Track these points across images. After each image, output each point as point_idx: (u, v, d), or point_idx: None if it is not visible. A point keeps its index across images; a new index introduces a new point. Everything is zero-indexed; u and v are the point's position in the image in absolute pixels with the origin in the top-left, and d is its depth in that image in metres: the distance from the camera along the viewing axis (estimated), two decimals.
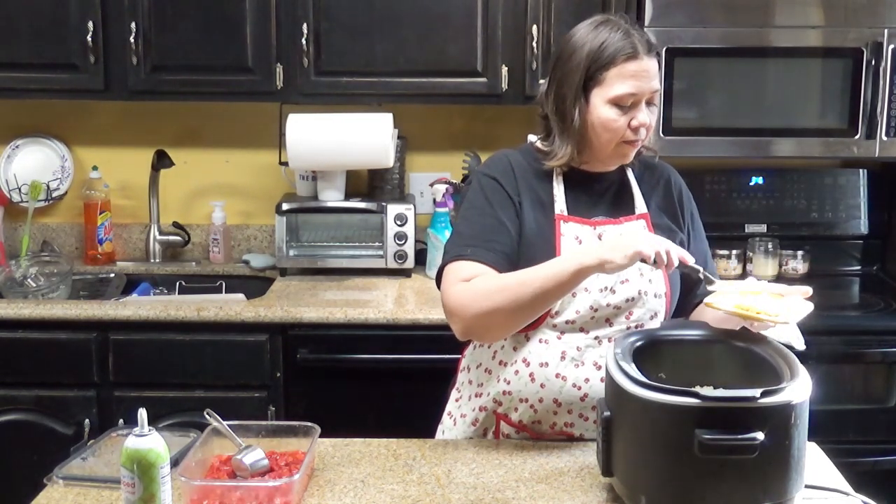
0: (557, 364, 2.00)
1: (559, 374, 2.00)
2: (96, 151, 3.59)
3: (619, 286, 1.99)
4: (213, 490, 1.74)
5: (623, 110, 1.97)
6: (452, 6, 3.13)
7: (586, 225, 2.04)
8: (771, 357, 1.77)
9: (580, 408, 2.02)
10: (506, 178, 2.05)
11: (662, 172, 2.17)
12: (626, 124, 1.97)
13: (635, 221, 2.06)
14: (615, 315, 2.01)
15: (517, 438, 2.07)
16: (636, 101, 1.96)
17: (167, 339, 2.96)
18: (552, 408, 2.02)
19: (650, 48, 1.97)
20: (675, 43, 3.06)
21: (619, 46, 1.95)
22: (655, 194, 2.13)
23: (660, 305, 2.03)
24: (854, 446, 2.93)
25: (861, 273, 3.51)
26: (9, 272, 3.33)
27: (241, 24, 3.14)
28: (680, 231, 2.11)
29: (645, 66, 1.95)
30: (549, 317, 1.99)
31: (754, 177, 3.49)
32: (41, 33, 3.15)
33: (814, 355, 2.72)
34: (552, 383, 2.01)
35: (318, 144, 3.20)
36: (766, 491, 1.61)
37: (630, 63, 1.94)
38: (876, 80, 3.05)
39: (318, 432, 1.91)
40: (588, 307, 1.99)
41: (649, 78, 1.96)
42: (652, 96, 1.98)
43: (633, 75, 1.94)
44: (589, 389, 2.00)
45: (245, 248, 3.61)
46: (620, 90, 1.95)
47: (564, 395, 2.01)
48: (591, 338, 2.01)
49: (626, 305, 2.00)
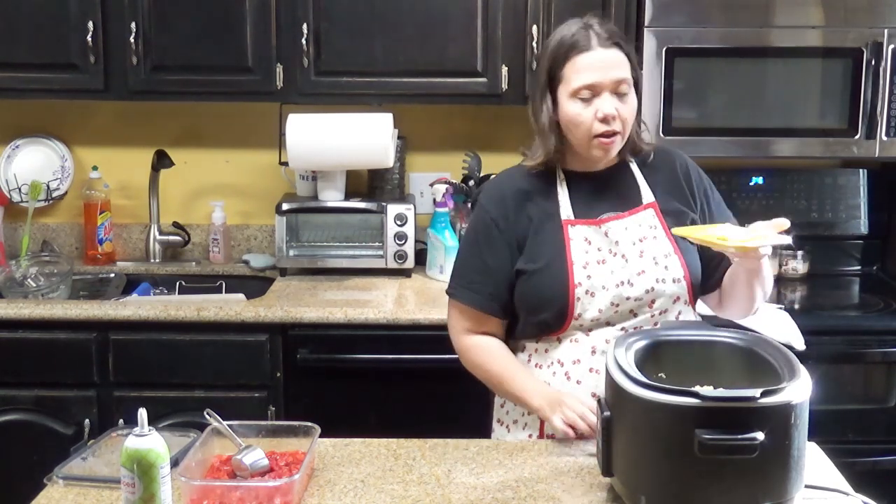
0: (589, 359, 2.06)
1: (592, 368, 2.06)
2: (96, 151, 3.59)
3: (636, 278, 2.04)
4: (213, 490, 1.74)
5: (586, 103, 2.01)
6: (452, 6, 3.13)
7: (592, 225, 2.08)
8: (771, 357, 1.77)
9: None
10: (500, 210, 2.12)
11: (666, 157, 2.19)
12: (592, 116, 2.01)
13: (643, 212, 2.10)
14: (638, 307, 2.06)
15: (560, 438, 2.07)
16: (596, 92, 2.00)
17: (167, 339, 2.96)
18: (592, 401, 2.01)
19: (608, 40, 2.01)
20: (674, 43, 3.06)
21: (572, 42, 2.02)
22: (662, 181, 2.15)
23: (680, 289, 2.07)
24: (854, 446, 2.93)
25: (861, 273, 3.51)
26: (9, 272, 3.33)
27: (241, 24, 3.14)
28: (692, 212, 2.13)
29: (600, 56, 1.99)
30: (573, 319, 2.05)
31: (754, 177, 3.49)
32: (41, 33, 3.15)
33: (814, 355, 2.74)
34: (588, 378, 2.06)
35: (318, 144, 3.20)
36: (766, 491, 1.61)
37: (583, 55, 2.00)
38: (876, 80, 3.05)
39: (318, 432, 1.91)
40: (609, 304, 2.04)
41: (607, 68, 1.99)
42: (616, 86, 2.00)
43: (587, 67, 1.99)
44: None
45: (245, 248, 3.61)
46: (576, 83, 2.00)
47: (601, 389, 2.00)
48: (617, 329, 2.06)
49: (646, 296, 2.05)
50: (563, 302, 2.04)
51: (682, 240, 2.05)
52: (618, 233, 2.08)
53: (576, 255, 2.06)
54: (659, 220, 2.09)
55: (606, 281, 2.04)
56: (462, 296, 2.15)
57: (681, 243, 2.07)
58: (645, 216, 2.10)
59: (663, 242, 2.07)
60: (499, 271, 2.11)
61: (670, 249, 2.07)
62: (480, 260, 2.13)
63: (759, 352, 1.80)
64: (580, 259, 2.06)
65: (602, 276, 2.05)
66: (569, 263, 2.05)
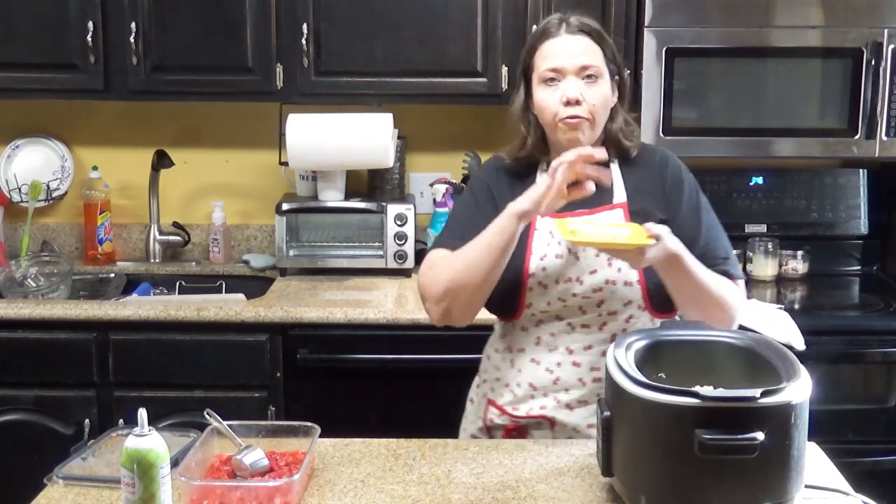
0: (533, 349, 2.10)
1: (534, 358, 2.10)
2: (96, 151, 3.59)
3: (586, 276, 2.05)
4: (213, 490, 1.74)
5: (552, 88, 2.04)
6: (452, 6, 3.13)
7: (567, 217, 2.06)
8: (771, 357, 1.77)
9: (553, 391, 2.09)
10: (494, 180, 2.15)
11: (651, 157, 2.17)
12: (557, 101, 2.03)
13: (611, 211, 2.09)
14: (586, 304, 2.06)
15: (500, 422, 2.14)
16: (562, 76, 2.03)
17: (167, 339, 2.96)
18: (529, 392, 2.10)
19: (578, 28, 2.05)
20: (674, 43, 3.06)
21: (542, 30, 2.09)
22: (639, 180, 2.13)
23: (633, 293, 2.05)
24: (854, 446, 2.93)
25: (861, 273, 3.51)
26: (9, 272, 3.33)
27: (241, 24, 3.14)
28: (661, 213, 2.08)
29: (565, 42, 2.04)
30: (525, 308, 2.08)
31: (754, 177, 3.49)
32: (41, 33, 3.16)
33: (814, 355, 2.74)
34: (528, 368, 2.10)
35: (318, 144, 3.20)
36: (766, 491, 1.61)
37: (549, 42, 2.06)
38: (876, 80, 3.05)
39: (318, 432, 1.91)
40: (557, 298, 2.06)
41: (572, 53, 2.04)
42: (582, 71, 2.03)
43: (553, 53, 2.05)
44: (561, 373, 2.08)
45: (245, 248, 3.61)
46: (542, 67, 2.05)
47: (538, 378, 2.09)
48: (564, 324, 2.08)
49: (594, 295, 2.05)
50: (516, 289, 2.07)
51: None
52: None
53: (536, 246, 2.07)
54: (625, 220, 2.07)
55: (559, 275, 2.05)
56: (450, 242, 2.09)
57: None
58: (612, 216, 2.09)
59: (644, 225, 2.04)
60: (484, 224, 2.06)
61: None
62: (474, 216, 2.10)
63: (759, 352, 1.80)
64: (539, 250, 2.07)
65: (556, 270, 2.06)
66: (528, 253, 2.07)
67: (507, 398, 2.14)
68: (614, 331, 2.07)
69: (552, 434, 2.12)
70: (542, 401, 2.10)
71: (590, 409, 2.09)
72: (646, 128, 3.09)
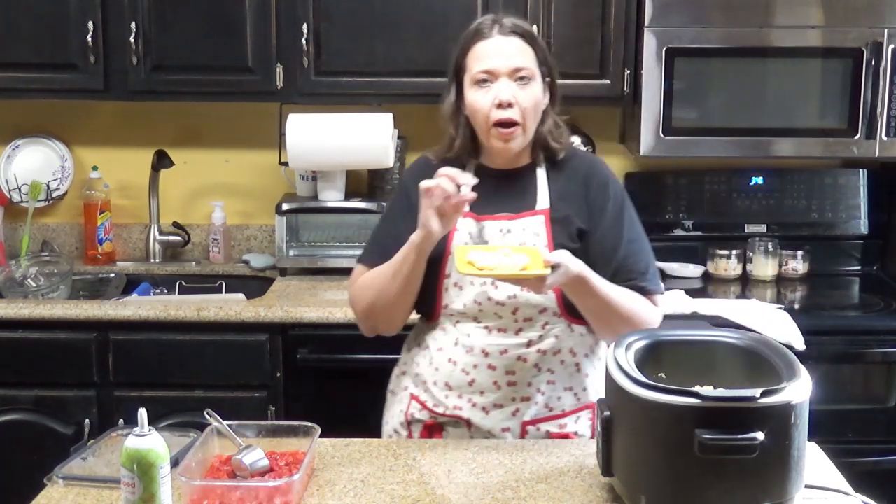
0: (451, 349, 2.10)
1: (451, 358, 2.10)
2: (96, 151, 3.59)
3: (501, 282, 2.04)
4: (213, 490, 1.74)
5: (485, 89, 2.04)
6: (452, 6, 3.13)
7: (485, 220, 2.10)
8: (771, 357, 1.77)
9: (469, 392, 2.09)
10: (412, 182, 2.11)
11: (580, 166, 2.16)
12: (490, 103, 2.03)
13: (532, 217, 2.09)
14: (501, 310, 2.07)
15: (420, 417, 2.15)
16: (494, 78, 2.03)
17: (167, 339, 2.96)
18: (444, 391, 2.11)
19: (510, 30, 2.05)
20: (674, 43, 3.06)
21: (474, 31, 2.08)
22: (563, 188, 2.12)
23: (547, 301, 2.06)
24: (854, 446, 2.93)
25: (861, 273, 3.50)
26: (9, 272, 3.33)
27: (241, 24, 3.14)
28: (582, 222, 2.09)
29: (497, 43, 2.04)
30: (443, 308, 2.10)
31: (754, 177, 3.49)
32: (41, 33, 3.15)
33: (814, 355, 2.74)
34: (444, 367, 2.11)
35: (318, 144, 3.20)
36: (766, 491, 1.61)
37: (481, 43, 2.05)
38: (876, 80, 3.05)
39: (318, 432, 1.91)
40: (473, 301, 2.07)
41: (505, 55, 2.03)
42: (514, 73, 2.03)
43: (485, 54, 2.04)
44: (476, 375, 2.08)
45: (245, 248, 3.61)
46: (475, 68, 2.05)
47: (454, 379, 2.10)
48: (481, 327, 2.08)
49: (508, 301, 2.06)
50: (433, 290, 2.09)
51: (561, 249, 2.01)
52: (492, 233, 2.09)
53: (454, 247, 2.06)
54: (546, 228, 2.07)
55: (475, 278, 2.03)
56: (369, 259, 2.16)
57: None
58: (532, 222, 2.08)
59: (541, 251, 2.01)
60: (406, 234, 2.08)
61: None
62: (393, 226, 2.15)
63: (759, 352, 1.80)
64: None
65: None
66: (446, 254, 2.08)
67: (427, 395, 2.14)
68: (530, 336, 2.07)
69: (469, 434, 2.12)
70: (458, 401, 2.10)
71: (505, 413, 2.09)
72: (646, 128, 3.10)
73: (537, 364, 2.07)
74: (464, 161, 2.15)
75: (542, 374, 2.08)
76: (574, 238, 2.07)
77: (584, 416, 2.13)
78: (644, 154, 3.14)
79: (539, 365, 2.07)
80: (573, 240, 2.07)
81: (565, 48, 3.13)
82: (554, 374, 2.09)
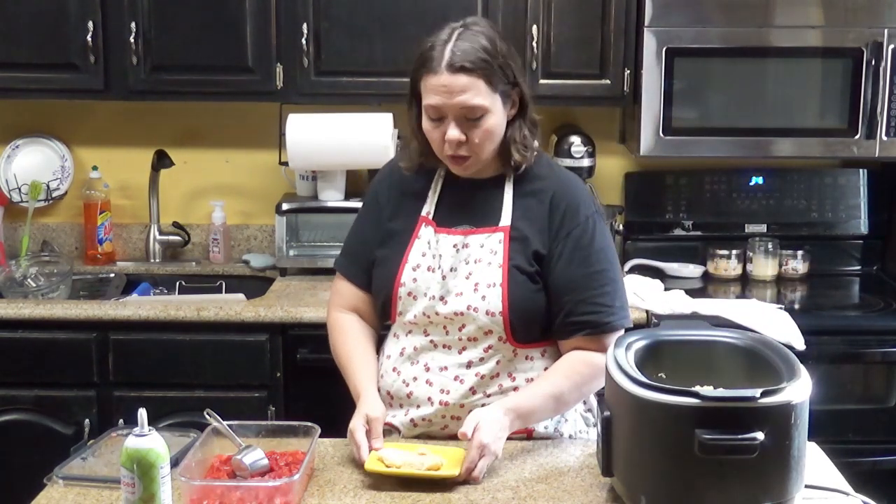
0: (397, 358, 2.10)
1: (395, 367, 2.10)
2: (96, 151, 3.59)
3: (451, 297, 2.03)
4: (213, 490, 1.74)
5: (436, 123, 2.00)
6: (452, 6, 3.12)
7: (441, 233, 2.08)
8: (771, 357, 1.77)
9: (407, 403, 2.09)
10: (381, 186, 2.20)
11: (550, 187, 2.07)
12: (441, 137, 2.00)
13: (492, 234, 2.05)
14: (448, 324, 2.05)
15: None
16: (441, 115, 1.98)
17: (167, 339, 2.96)
18: (387, 399, 2.10)
19: (458, 64, 1.94)
20: (675, 43, 3.06)
21: (425, 58, 1.99)
22: (529, 208, 2.06)
23: (494, 324, 2.02)
24: (854, 446, 2.93)
25: (861, 273, 3.50)
26: (9, 272, 3.33)
27: (241, 24, 3.14)
28: (541, 246, 2.04)
29: (444, 81, 1.95)
30: (397, 316, 2.10)
31: (754, 177, 3.49)
32: (41, 33, 3.15)
33: (814, 355, 2.74)
34: (389, 376, 2.11)
35: (318, 144, 3.20)
36: (766, 491, 1.62)
37: (431, 77, 1.98)
38: (876, 80, 3.05)
39: (318, 432, 1.91)
40: (422, 312, 2.06)
41: (451, 93, 1.95)
42: (460, 112, 1.96)
43: (434, 91, 1.97)
44: (415, 388, 2.07)
45: (245, 248, 3.61)
46: (426, 100, 2.00)
47: (395, 388, 2.10)
48: (428, 340, 2.07)
49: (457, 318, 2.03)
50: (387, 296, 2.09)
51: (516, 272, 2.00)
52: (446, 247, 2.07)
53: (413, 255, 2.07)
54: (504, 247, 2.02)
55: (428, 289, 2.04)
56: (342, 267, 2.21)
57: (513, 276, 2.00)
58: (490, 239, 2.04)
59: (495, 271, 2.01)
60: (371, 242, 2.16)
61: (497, 280, 2.00)
62: (361, 233, 2.19)
63: (759, 352, 1.80)
64: (415, 260, 2.07)
65: (425, 283, 2.05)
66: (403, 261, 2.08)
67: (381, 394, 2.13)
68: (471, 358, 2.04)
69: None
70: (394, 411, 2.10)
71: (432, 428, 2.07)
72: (646, 128, 3.10)
73: (472, 388, 2.03)
74: (432, 167, 2.13)
75: (475, 397, 2.04)
76: (531, 261, 2.02)
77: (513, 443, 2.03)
78: (644, 154, 3.14)
79: (474, 388, 2.03)
80: (529, 262, 2.02)
81: (565, 48, 3.13)
82: (489, 399, 2.03)
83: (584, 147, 3.25)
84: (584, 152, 3.25)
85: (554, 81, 3.16)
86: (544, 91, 3.14)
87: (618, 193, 3.55)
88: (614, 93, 3.17)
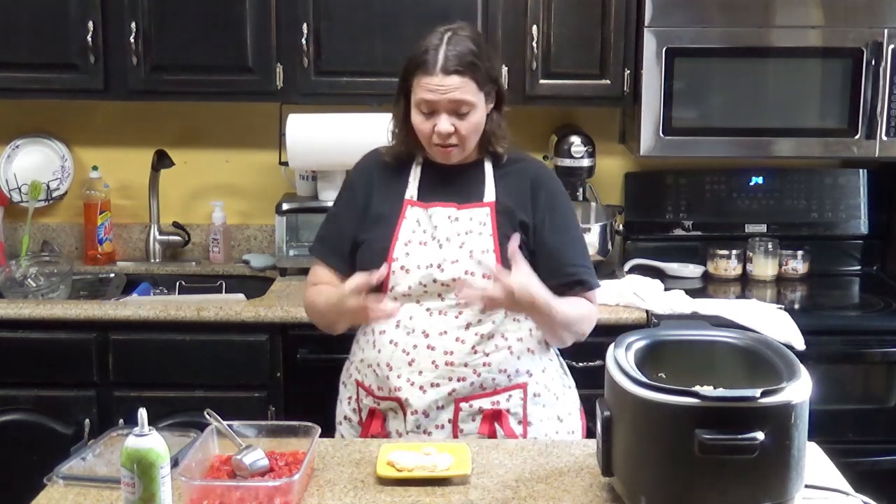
0: (392, 331, 2.20)
1: (392, 339, 2.19)
2: (96, 151, 3.59)
3: (448, 265, 2.17)
4: (213, 490, 1.74)
5: (426, 117, 2.19)
6: (452, 6, 3.13)
7: (425, 208, 2.23)
8: (771, 357, 1.77)
9: (408, 372, 2.17)
10: (361, 175, 2.37)
11: (527, 169, 2.31)
12: (430, 130, 2.19)
13: (479, 208, 2.23)
14: (445, 291, 2.17)
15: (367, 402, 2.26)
16: (433, 111, 2.17)
17: (167, 339, 2.96)
18: (386, 371, 2.18)
19: (451, 68, 2.15)
20: (675, 43, 3.06)
21: (420, 60, 2.18)
22: (510, 186, 2.27)
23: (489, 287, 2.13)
24: (854, 446, 2.93)
25: (861, 273, 3.50)
26: (9, 272, 3.33)
27: (241, 24, 3.14)
28: (524, 216, 2.23)
29: (438, 81, 2.15)
30: (388, 290, 2.19)
31: (754, 177, 3.49)
32: (41, 33, 3.15)
33: (814, 355, 2.74)
34: (386, 349, 2.20)
35: (318, 144, 3.20)
36: (766, 491, 1.62)
37: (425, 77, 2.17)
38: (876, 80, 3.05)
39: (318, 432, 1.91)
40: (418, 282, 2.18)
41: (445, 92, 2.15)
42: (451, 108, 2.16)
43: (428, 89, 2.16)
44: (416, 355, 2.17)
45: (245, 248, 3.61)
46: (418, 96, 2.18)
47: (395, 359, 2.18)
48: (423, 308, 2.19)
49: (453, 284, 2.16)
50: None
51: (505, 240, 2.15)
52: (441, 219, 2.22)
53: (402, 233, 2.22)
54: (491, 219, 2.21)
55: (421, 261, 2.18)
56: (316, 250, 2.35)
57: (503, 244, 2.16)
58: (479, 212, 2.22)
59: (486, 239, 2.19)
60: (348, 229, 2.29)
61: (490, 247, 2.19)
62: (336, 220, 2.34)
63: (759, 352, 1.81)
64: (405, 237, 2.22)
65: (419, 256, 2.19)
66: (393, 240, 2.21)
67: (371, 379, 2.24)
68: (469, 320, 2.18)
69: (405, 423, 2.17)
70: (397, 381, 2.17)
71: (441, 392, 2.16)
72: (646, 128, 3.10)
73: (474, 346, 2.17)
74: (413, 153, 2.29)
75: (477, 356, 2.17)
76: (517, 228, 2.21)
77: (516, 395, 2.21)
78: (644, 154, 3.14)
79: (476, 347, 2.17)
80: (516, 230, 2.20)
81: (565, 48, 3.13)
82: (489, 357, 2.18)
83: (584, 147, 3.26)
84: (584, 152, 3.25)
85: (554, 81, 3.16)
86: (544, 91, 3.14)
87: (618, 193, 3.55)
88: (614, 93, 3.17)
